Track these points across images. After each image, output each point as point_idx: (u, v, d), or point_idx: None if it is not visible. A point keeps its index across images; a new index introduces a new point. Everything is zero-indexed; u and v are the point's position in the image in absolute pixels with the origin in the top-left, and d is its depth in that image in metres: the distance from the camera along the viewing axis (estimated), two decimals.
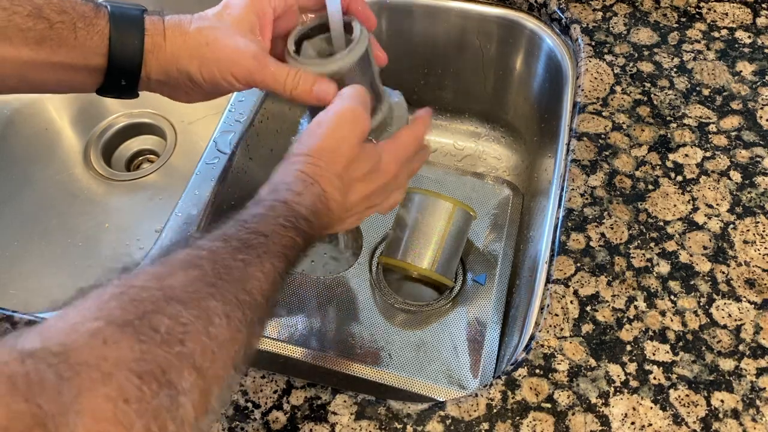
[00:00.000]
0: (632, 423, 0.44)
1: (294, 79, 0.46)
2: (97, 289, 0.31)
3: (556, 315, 0.49)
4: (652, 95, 0.62)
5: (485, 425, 0.44)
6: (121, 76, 0.47)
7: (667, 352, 0.47)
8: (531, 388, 0.46)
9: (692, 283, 0.50)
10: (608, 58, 0.65)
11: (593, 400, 0.45)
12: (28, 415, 0.24)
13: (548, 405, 0.45)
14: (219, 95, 0.50)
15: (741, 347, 0.47)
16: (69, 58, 0.45)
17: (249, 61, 0.45)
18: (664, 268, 0.51)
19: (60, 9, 0.44)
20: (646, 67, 0.64)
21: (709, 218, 0.54)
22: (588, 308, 0.49)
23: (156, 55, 0.46)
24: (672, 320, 0.48)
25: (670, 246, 0.52)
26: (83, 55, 0.45)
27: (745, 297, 0.49)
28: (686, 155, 0.58)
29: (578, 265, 0.51)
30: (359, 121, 0.44)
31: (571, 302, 0.50)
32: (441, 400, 0.46)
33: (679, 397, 0.45)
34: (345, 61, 0.46)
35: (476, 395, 0.45)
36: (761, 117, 0.60)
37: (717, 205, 0.54)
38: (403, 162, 0.48)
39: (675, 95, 0.62)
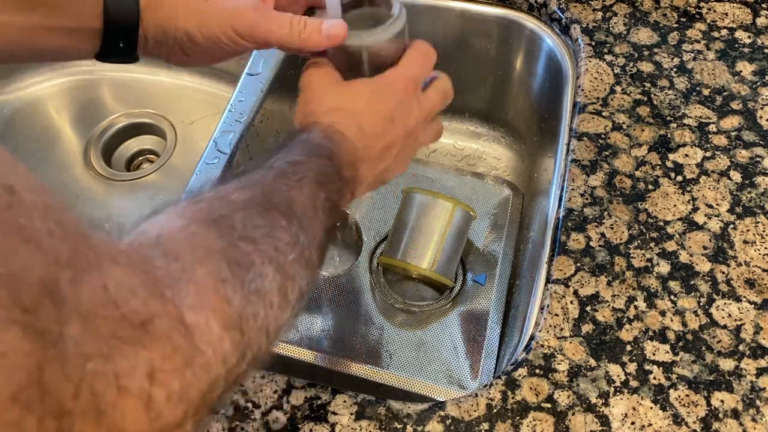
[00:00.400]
0: (632, 423, 0.44)
1: (300, 22, 0.45)
2: (169, 206, 0.33)
3: (556, 315, 0.49)
4: (652, 95, 0.62)
5: (485, 425, 0.44)
6: (119, 37, 0.46)
7: (667, 352, 0.47)
8: (531, 388, 0.46)
9: (692, 283, 0.50)
10: (608, 58, 0.65)
11: (593, 400, 0.45)
12: (148, 282, 0.25)
13: (548, 405, 0.45)
14: (220, 58, 0.48)
15: (741, 347, 0.47)
16: (64, 21, 0.45)
17: (250, 13, 0.45)
18: (664, 268, 0.51)
19: None
20: (646, 67, 0.64)
21: (709, 218, 0.54)
22: (588, 308, 0.49)
23: (153, 13, 0.46)
24: (672, 320, 0.48)
25: (670, 246, 0.52)
26: (78, 17, 0.45)
27: (745, 297, 0.49)
28: (686, 155, 0.58)
29: (578, 265, 0.51)
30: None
31: (571, 302, 0.50)
32: (441, 400, 0.46)
33: (679, 397, 0.45)
34: (383, 34, 0.45)
35: (476, 395, 0.45)
36: (761, 117, 0.60)
37: (717, 205, 0.55)
38: (412, 78, 0.47)
39: (675, 95, 0.62)
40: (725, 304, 0.49)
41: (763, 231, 0.53)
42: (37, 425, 0.19)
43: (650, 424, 0.44)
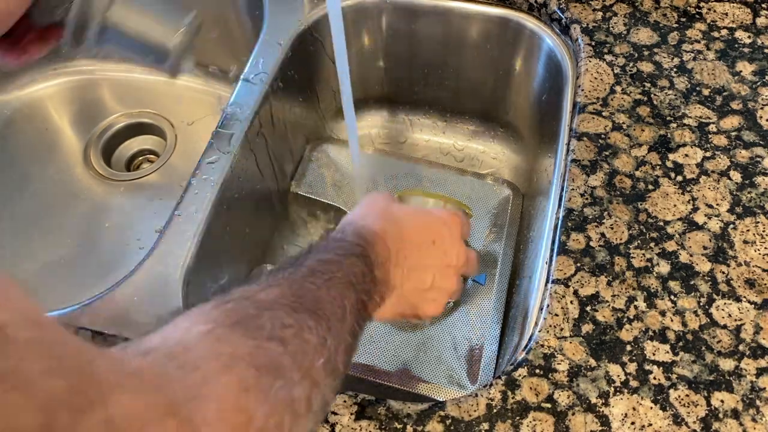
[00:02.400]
0: (632, 423, 0.44)
1: None
2: (193, 307, 0.32)
3: (556, 315, 0.49)
4: (652, 95, 0.62)
5: (485, 425, 0.44)
6: None
7: (667, 352, 0.47)
8: (531, 388, 0.46)
9: (692, 283, 0.50)
10: (608, 58, 0.65)
11: (593, 400, 0.45)
12: (161, 404, 0.24)
13: (548, 405, 0.45)
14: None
15: (741, 347, 0.47)
16: None
17: None
18: (664, 268, 0.51)
19: None
20: (646, 67, 0.64)
21: (709, 218, 0.54)
22: (588, 308, 0.49)
23: None
24: (672, 320, 0.48)
25: (670, 246, 0.52)
26: None
27: (745, 297, 0.49)
28: (686, 155, 0.58)
29: (578, 265, 0.51)
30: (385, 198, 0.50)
31: (571, 302, 0.50)
32: (441, 400, 0.46)
33: (679, 397, 0.45)
34: None
35: (476, 395, 0.45)
36: (761, 117, 0.60)
37: (717, 205, 0.55)
38: (456, 223, 0.51)
39: (675, 95, 0.62)
40: (725, 304, 0.49)
41: (763, 231, 0.53)
42: None
43: (650, 424, 0.44)
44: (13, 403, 0.19)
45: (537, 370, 0.46)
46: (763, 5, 0.69)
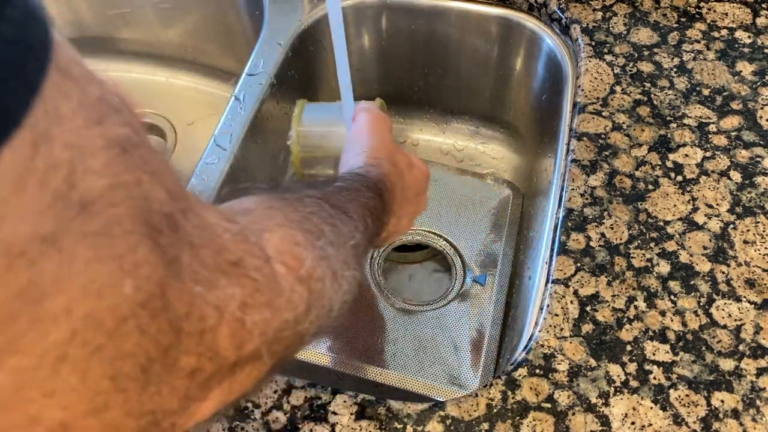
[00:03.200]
0: (632, 423, 0.44)
1: None
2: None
3: (556, 315, 0.49)
4: (652, 95, 0.62)
5: (485, 425, 0.44)
6: None
7: (667, 352, 0.47)
8: (531, 388, 0.46)
9: (692, 283, 0.50)
10: (608, 58, 0.65)
11: (593, 400, 0.45)
12: (236, 231, 0.27)
13: (548, 405, 0.45)
14: None
15: (741, 347, 0.47)
16: None
17: None
18: (664, 268, 0.51)
19: None
20: (646, 67, 0.64)
21: (709, 218, 0.54)
22: (588, 308, 0.49)
23: None
24: (672, 320, 0.48)
25: (670, 246, 0.52)
26: None
27: (745, 297, 0.49)
28: (686, 155, 0.58)
29: (578, 265, 0.51)
30: (385, 119, 0.54)
31: (571, 302, 0.50)
32: (441, 400, 0.46)
33: (679, 397, 0.45)
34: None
35: (476, 395, 0.45)
36: (761, 117, 0.60)
37: (717, 205, 0.54)
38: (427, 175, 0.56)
39: (675, 95, 0.62)
40: (725, 304, 0.49)
41: (763, 231, 0.53)
42: (156, 334, 0.21)
43: (650, 424, 0.44)
44: (148, 184, 0.21)
45: (537, 370, 0.46)
46: (763, 5, 0.69)
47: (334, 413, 0.45)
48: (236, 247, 0.26)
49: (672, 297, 0.50)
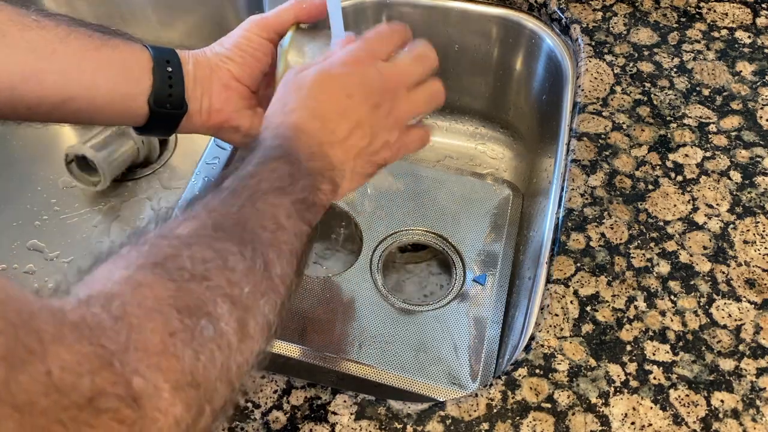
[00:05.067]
0: (632, 423, 0.44)
1: None
2: (113, 251, 0.32)
3: (556, 315, 0.49)
4: (652, 95, 0.62)
5: (485, 425, 0.44)
6: (166, 72, 0.49)
7: (667, 352, 0.47)
8: (531, 388, 0.46)
9: (692, 283, 0.50)
10: (608, 58, 0.65)
11: (593, 400, 0.45)
12: (95, 356, 0.25)
13: (548, 405, 0.45)
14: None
15: (741, 347, 0.47)
16: (122, 57, 0.48)
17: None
18: (664, 268, 0.51)
19: (110, 28, 0.49)
20: (646, 67, 0.64)
21: (709, 218, 0.54)
22: (588, 308, 0.49)
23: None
24: (672, 320, 0.48)
25: (670, 246, 0.52)
26: (132, 55, 0.48)
27: (745, 297, 0.49)
28: (686, 155, 0.58)
29: (578, 265, 0.51)
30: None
31: (571, 302, 0.50)
32: (441, 400, 0.46)
33: (679, 397, 0.45)
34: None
35: (476, 395, 0.45)
36: (761, 117, 0.60)
37: (717, 205, 0.55)
38: (362, 52, 0.45)
39: (675, 95, 0.62)
40: (725, 304, 0.49)
41: (763, 231, 0.53)
42: None
43: (650, 424, 0.44)
44: None
45: (537, 370, 0.46)
46: (763, 5, 0.69)
47: (334, 413, 0.45)
48: (91, 383, 0.24)
49: (672, 297, 0.50)
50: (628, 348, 0.47)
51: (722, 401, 0.45)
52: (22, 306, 0.24)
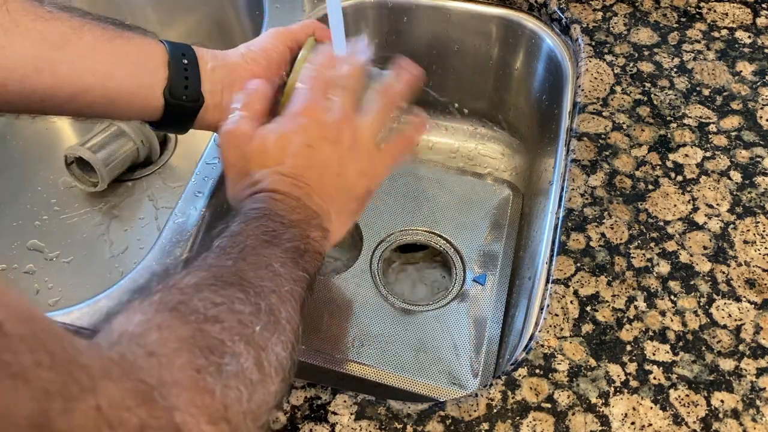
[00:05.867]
0: (632, 423, 0.44)
1: None
2: (122, 306, 0.33)
3: (556, 315, 0.49)
4: (652, 95, 0.62)
5: (485, 425, 0.44)
6: (182, 64, 0.49)
7: (667, 352, 0.47)
8: (531, 388, 0.46)
9: (692, 283, 0.50)
10: (608, 58, 0.65)
11: (593, 400, 0.45)
12: (138, 391, 0.26)
13: (548, 405, 0.45)
14: None
15: (741, 347, 0.47)
16: (136, 50, 0.48)
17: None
18: (664, 268, 0.51)
19: (124, 22, 0.49)
20: (646, 67, 0.64)
21: (709, 218, 0.54)
22: (588, 308, 0.49)
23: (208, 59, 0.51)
24: (672, 320, 0.48)
25: (670, 246, 0.52)
26: (147, 48, 0.48)
27: (745, 297, 0.49)
28: (686, 155, 0.58)
29: (578, 265, 0.51)
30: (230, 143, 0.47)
31: (571, 302, 0.50)
32: (441, 400, 0.46)
33: (679, 397, 0.45)
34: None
35: (476, 395, 0.45)
36: (761, 117, 0.60)
37: (717, 205, 0.55)
38: (311, 85, 0.47)
39: (675, 95, 0.62)
40: (725, 304, 0.49)
41: (763, 231, 0.53)
42: None
43: (650, 424, 0.44)
44: (9, 392, 0.20)
45: (537, 370, 0.46)
46: (763, 5, 0.69)
47: (334, 413, 0.45)
48: (137, 419, 0.25)
49: (672, 297, 0.50)
50: (628, 348, 0.47)
51: (722, 401, 0.45)
52: (68, 342, 0.24)
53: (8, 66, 0.44)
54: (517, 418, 0.44)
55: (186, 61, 0.49)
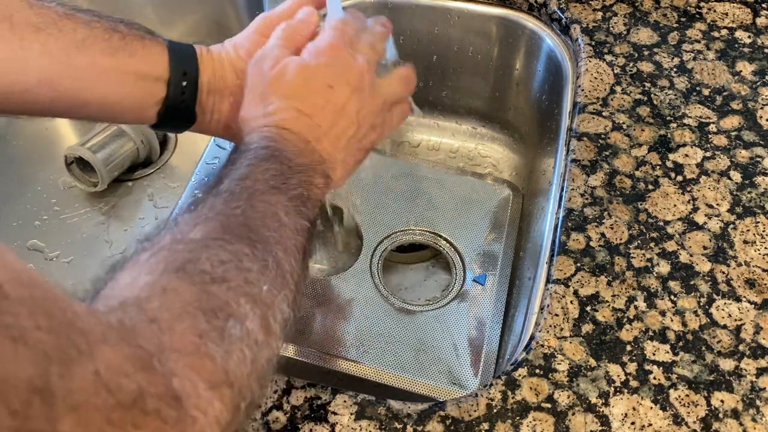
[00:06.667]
0: (632, 423, 0.44)
1: None
2: (129, 258, 0.33)
3: (556, 315, 0.49)
4: (652, 95, 0.62)
5: (485, 425, 0.44)
6: (180, 86, 0.49)
7: (667, 352, 0.47)
8: (531, 388, 0.46)
9: (692, 283, 0.50)
10: (608, 58, 0.65)
11: (593, 400, 0.45)
12: (136, 357, 0.25)
13: (548, 405, 0.45)
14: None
15: (741, 347, 0.47)
16: (138, 66, 0.48)
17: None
18: (664, 268, 0.51)
19: (129, 24, 0.49)
20: (646, 67, 0.64)
21: (709, 218, 0.54)
22: (588, 308, 0.49)
23: (210, 59, 0.51)
24: (672, 320, 0.48)
25: (670, 246, 0.52)
26: (149, 63, 0.48)
27: (745, 297, 0.49)
28: (686, 155, 0.58)
29: (578, 265, 0.51)
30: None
31: (571, 302, 0.50)
32: (441, 400, 0.46)
33: (679, 397, 0.45)
34: None
35: (476, 395, 0.45)
36: (761, 117, 0.60)
37: (717, 205, 0.55)
38: (333, 41, 0.46)
39: (675, 95, 0.62)
40: (725, 304, 0.49)
41: (763, 231, 0.53)
42: None
43: (650, 424, 0.44)
44: (10, 355, 0.20)
45: (537, 370, 0.46)
46: (763, 5, 0.69)
47: (334, 413, 0.45)
48: (134, 384, 0.24)
49: (672, 297, 0.50)
50: (628, 348, 0.47)
51: (722, 401, 0.45)
52: (67, 305, 0.24)
53: (10, 79, 0.44)
54: (517, 418, 0.44)
55: (185, 83, 0.49)
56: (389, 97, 0.49)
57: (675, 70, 0.64)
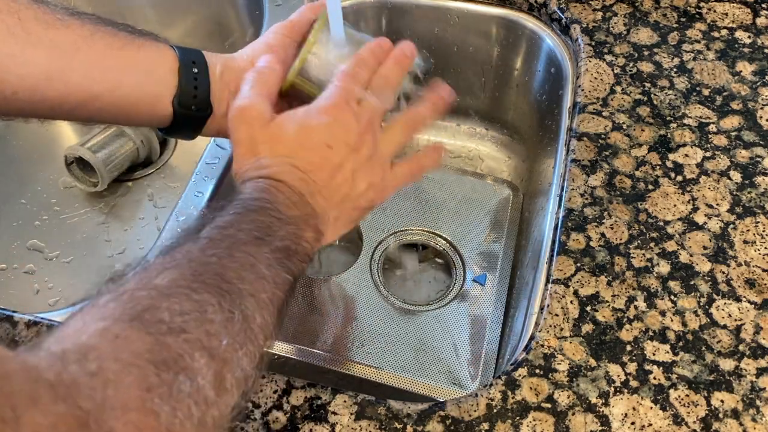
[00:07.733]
0: (632, 423, 0.44)
1: None
2: (89, 300, 0.31)
3: (556, 315, 0.49)
4: (652, 95, 0.62)
5: (485, 425, 0.44)
6: (192, 73, 0.49)
7: (667, 352, 0.47)
8: (531, 388, 0.46)
9: (692, 283, 0.50)
10: (608, 58, 0.65)
11: (593, 400, 0.45)
12: (71, 417, 0.24)
13: (548, 405, 0.45)
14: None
15: (741, 347, 0.47)
16: (147, 58, 0.47)
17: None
18: (664, 268, 0.51)
19: (133, 27, 0.49)
20: (646, 67, 0.64)
21: (709, 218, 0.54)
22: (588, 308, 0.49)
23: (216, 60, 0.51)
24: (672, 320, 0.48)
25: (670, 246, 0.52)
26: (158, 55, 0.48)
27: (745, 297, 0.49)
28: (686, 155, 0.58)
29: (578, 265, 0.51)
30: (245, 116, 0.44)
31: (571, 302, 0.50)
32: (441, 400, 0.46)
33: (679, 397, 0.45)
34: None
35: (476, 395, 0.45)
36: (761, 117, 0.60)
37: (717, 205, 0.55)
38: (338, 95, 0.45)
39: (675, 95, 0.62)
40: (725, 304, 0.49)
41: (763, 231, 0.53)
42: None
43: (650, 424, 0.44)
44: None
45: (537, 370, 0.46)
46: (763, 5, 0.69)
47: (334, 413, 0.45)
48: None
49: (672, 297, 0.50)
50: (628, 348, 0.47)
51: (722, 401, 0.45)
52: None
53: (20, 74, 0.43)
54: (517, 418, 0.44)
55: (196, 70, 0.49)
56: (391, 152, 0.48)
57: (675, 70, 0.64)
